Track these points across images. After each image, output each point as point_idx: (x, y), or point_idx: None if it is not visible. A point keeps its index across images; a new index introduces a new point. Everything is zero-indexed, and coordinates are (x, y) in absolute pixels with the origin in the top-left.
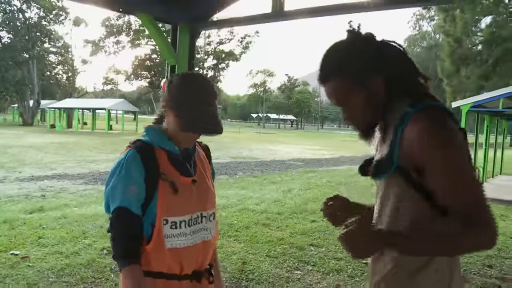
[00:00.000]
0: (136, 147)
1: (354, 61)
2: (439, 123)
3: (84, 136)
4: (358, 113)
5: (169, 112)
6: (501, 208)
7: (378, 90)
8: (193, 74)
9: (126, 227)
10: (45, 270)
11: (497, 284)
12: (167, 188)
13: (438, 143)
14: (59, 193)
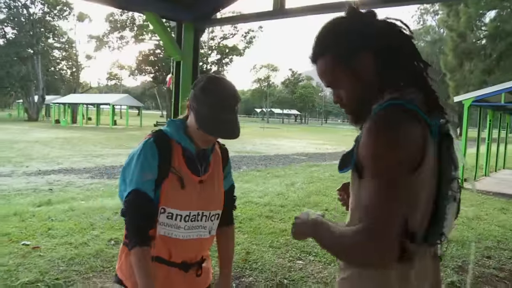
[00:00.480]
0: (154, 137)
1: (341, 38)
2: (384, 124)
3: (89, 131)
4: (346, 94)
5: (191, 109)
6: (502, 202)
7: (366, 70)
8: (220, 78)
9: (141, 209)
10: (55, 260)
11: (494, 274)
12: (174, 181)
13: (370, 144)
14: (66, 187)
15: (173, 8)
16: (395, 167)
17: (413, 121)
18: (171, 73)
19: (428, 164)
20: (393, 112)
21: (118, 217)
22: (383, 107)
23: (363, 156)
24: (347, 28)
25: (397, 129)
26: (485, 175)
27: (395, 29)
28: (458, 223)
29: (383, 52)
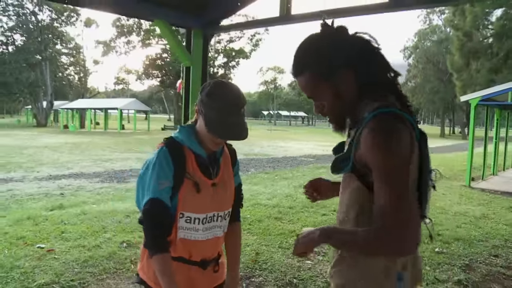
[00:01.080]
0: (168, 145)
1: (322, 57)
2: (384, 131)
3: (97, 136)
4: (328, 107)
5: (200, 116)
6: (510, 201)
7: (346, 85)
8: (225, 82)
9: (157, 218)
10: (70, 262)
11: (502, 272)
12: (190, 186)
13: (379, 150)
14: (77, 191)
15: (183, 16)
16: (403, 168)
17: (404, 125)
18: (181, 78)
19: (414, 160)
20: (388, 120)
21: (129, 220)
22: (375, 114)
23: (373, 164)
24: (325, 46)
25: (396, 134)
26: (493, 174)
27: (367, 43)
28: (466, 222)
29: (361, 67)
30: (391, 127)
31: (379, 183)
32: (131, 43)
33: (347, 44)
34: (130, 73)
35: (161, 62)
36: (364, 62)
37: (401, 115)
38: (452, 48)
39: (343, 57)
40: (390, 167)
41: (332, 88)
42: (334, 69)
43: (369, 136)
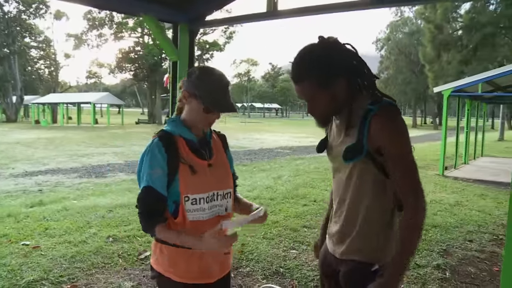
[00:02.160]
0: (159, 137)
1: (321, 67)
2: (394, 117)
3: (71, 131)
4: (321, 109)
5: (191, 99)
6: (481, 188)
7: (341, 92)
8: (210, 67)
9: (151, 204)
10: (57, 258)
11: (476, 256)
12: (186, 170)
13: (395, 132)
14: (56, 187)
15: (169, 11)
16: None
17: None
18: (168, 72)
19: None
20: (396, 110)
21: (113, 214)
22: (383, 105)
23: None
24: (325, 57)
25: (404, 123)
26: (465, 163)
27: (355, 53)
28: (441, 210)
29: (353, 74)
30: (400, 117)
31: (405, 164)
32: (103, 36)
33: (343, 55)
34: (103, 67)
35: (135, 55)
36: (356, 70)
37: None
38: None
39: (339, 67)
40: (410, 150)
41: (329, 95)
42: (332, 78)
43: (385, 124)
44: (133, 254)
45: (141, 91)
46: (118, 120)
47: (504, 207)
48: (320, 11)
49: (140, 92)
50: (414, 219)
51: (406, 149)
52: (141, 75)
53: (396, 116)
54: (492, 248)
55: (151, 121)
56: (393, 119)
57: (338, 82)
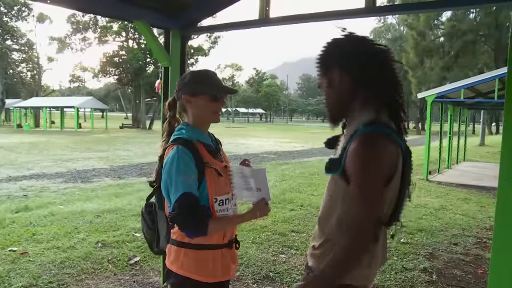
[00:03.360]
0: (181, 144)
1: (324, 54)
2: (368, 146)
3: (54, 135)
4: (325, 99)
5: (194, 99)
6: (465, 192)
7: (339, 82)
8: (196, 69)
9: (193, 209)
10: (46, 264)
11: (461, 259)
12: (213, 173)
13: (360, 161)
14: (41, 192)
15: (161, 16)
16: (377, 187)
17: (391, 145)
18: (160, 78)
19: (397, 176)
20: (376, 137)
21: (101, 220)
22: (368, 130)
23: (351, 171)
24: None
25: (379, 155)
26: (448, 168)
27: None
28: (427, 214)
29: (358, 73)
30: (377, 146)
31: (355, 194)
32: (87, 40)
33: (353, 51)
34: (86, 71)
35: (119, 60)
36: (366, 73)
37: (388, 134)
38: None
39: (340, 59)
40: (367, 182)
41: (325, 82)
42: (328, 67)
43: (356, 149)
44: (122, 259)
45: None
46: (102, 124)
47: (487, 211)
48: (311, 19)
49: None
50: (343, 252)
51: (364, 181)
52: (125, 80)
53: (371, 145)
54: (477, 251)
55: (135, 126)
56: (365, 147)
57: (333, 73)
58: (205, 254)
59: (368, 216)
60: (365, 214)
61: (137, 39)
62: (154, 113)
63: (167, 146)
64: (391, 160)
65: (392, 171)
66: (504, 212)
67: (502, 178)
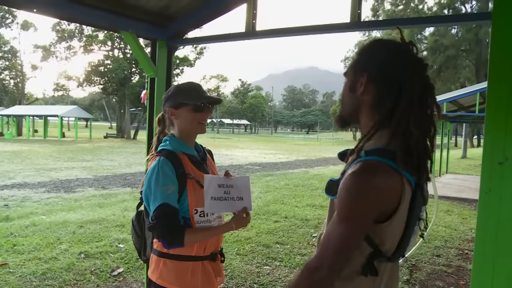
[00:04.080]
0: (164, 155)
1: (364, 54)
2: (360, 175)
3: (37, 144)
4: (342, 94)
5: (178, 111)
6: (447, 204)
7: (360, 89)
8: (183, 82)
9: (170, 219)
10: (27, 275)
11: (444, 270)
12: (194, 185)
13: (347, 190)
14: (23, 202)
15: (148, 27)
16: (357, 217)
17: (394, 178)
18: (146, 89)
19: (402, 211)
20: (376, 168)
21: (84, 230)
22: (369, 159)
23: (339, 194)
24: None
25: (374, 185)
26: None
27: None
28: None
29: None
30: (372, 175)
31: (335, 217)
32: (72, 49)
33: (393, 66)
34: (71, 80)
35: (104, 69)
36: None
37: (391, 167)
38: None
39: (375, 69)
40: (349, 213)
41: (350, 82)
42: (359, 70)
43: (349, 174)
44: (106, 270)
45: (110, 105)
46: (86, 134)
47: (469, 223)
48: (298, 33)
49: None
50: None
51: (348, 209)
52: (110, 89)
53: (367, 175)
54: (459, 262)
55: (119, 136)
56: (361, 175)
57: (361, 78)
58: (185, 265)
59: (346, 243)
60: (343, 239)
61: (123, 49)
62: (139, 123)
63: (151, 157)
64: (390, 194)
65: (392, 206)
66: (484, 224)
67: (483, 191)
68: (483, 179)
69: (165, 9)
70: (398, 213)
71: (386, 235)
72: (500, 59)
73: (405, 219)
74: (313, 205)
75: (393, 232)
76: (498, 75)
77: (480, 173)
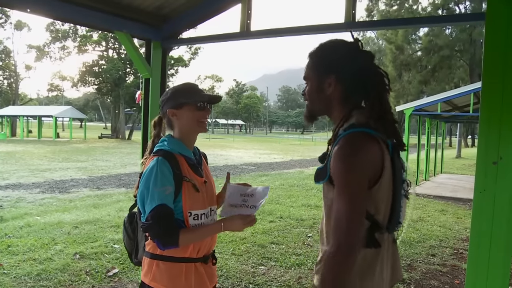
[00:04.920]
0: (162, 155)
1: (325, 56)
2: (348, 146)
3: (31, 145)
4: (309, 95)
5: (179, 111)
6: (442, 204)
7: (329, 90)
8: (179, 83)
9: (166, 220)
10: (21, 276)
11: (438, 270)
12: (190, 188)
13: (340, 162)
14: (17, 202)
15: (143, 28)
16: (357, 187)
17: (373, 145)
18: (140, 89)
19: (386, 174)
20: (355, 138)
21: (79, 231)
22: (347, 132)
23: (334, 174)
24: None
25: (357, 154)
26: (425, 180)
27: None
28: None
29: (351, 82)
30: (355, 145)
31: (336, 196)
32: (66, 49)
33: (355, 65)
34: (65, 80)
35: (98, 69)
36: (360, 87)
37: (372, 134)
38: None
39: (340, 69)
40: (347, 182)
41: (316, 83)
42: (325, 72)
43: (336, 151)
44: (101, 271)
45: (104, 105)
46: (80, 134)
47: (463, 222)
48: (292, 33)
49: (103, 106)
50: (331, 258)
51: (345, 180)
52: (105, 89)
53: (350, 145)
54: (453, 261)
55: (114, 136)
56: (345, 147)
57: (329, 79)
58: (177, 267)
59: (353, 212)
60: (350, 210)
61: (117, 49)
62: (133, 124)
63: (148, 157)
64: (374, 158)
65: (377, 170)
66: (479, 223)
67: (477, 190)
68: (477, 179)
69: (159, 10)
70: (384, 175)
71: (378, 200)
72: (493, 59)
73: (391, 181)
74: (308, 205)
75: (383, 195)
76: (492, 76)
77: (475, 173)
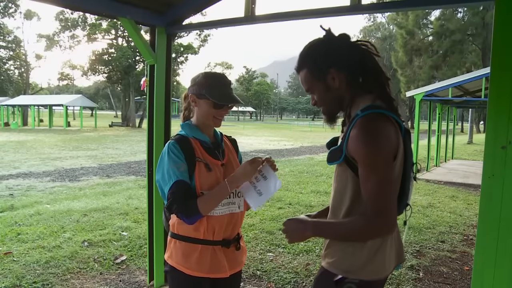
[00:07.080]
0: (174, 139)
1: (315, 58)
2: (369, 126)
3: (42, 134)
4: (320, 101)
5: (199, 101)
6: (452, 190)
7: (335, 84)
8: (211, 71)
9: (185, 193)
10: (30, 264)
11: (448, 256)
12: (202, 167)
13: (364, 142)
14: (28, 191)
15: (147, 14)
16: (385, 163)
17: (390, 125)
18: (145, 76)
19: (400, 155)
20: (375, 118)
21: (88, 219)
22: (366, 113)
23: (358, 155)
24: (320, 49)
25: (381, 131)
26: (436, 166)
27: (364, 51)
28: (414, 212)
29: (353, 70)
30: (377, 125)
31: (366, 174)
32: (76, 38)
33: (342, 50)
34: (75, 69)
35: (108, 58)
36: (357, 67)
37: (387, 115)
38: (396, 45)
39: (334, 60)
40: (375, 160)
41: (322, 86)
42: (324, 71)
43: (357, 132)
44: (109, 258)
45: (115, 93)
46: (91, 123)
47: (474, 209)
48: (296, 17)
49: (113, 94)
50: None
51: (372, 160)
52: (115, 78)
53: (372, 125)
54: (463, 248)
55: (124, 124)
56: (367, 128)
57: (330, 75)
58: (192, 247)
59: (387, 192)
60: (384, 191)
61: (127, 37)
62: (144, 112)
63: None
64: (392, 138)
65: (394, 149)
66: (488, 208)
67: (485, 176)
68: (486, 164)
69: None
70: (398, 155)
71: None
72: (503, 41)
73: (402, 162)
74: (317, 191)
75: (396, 176)
76: (501, 60)
77: (483, 158)
